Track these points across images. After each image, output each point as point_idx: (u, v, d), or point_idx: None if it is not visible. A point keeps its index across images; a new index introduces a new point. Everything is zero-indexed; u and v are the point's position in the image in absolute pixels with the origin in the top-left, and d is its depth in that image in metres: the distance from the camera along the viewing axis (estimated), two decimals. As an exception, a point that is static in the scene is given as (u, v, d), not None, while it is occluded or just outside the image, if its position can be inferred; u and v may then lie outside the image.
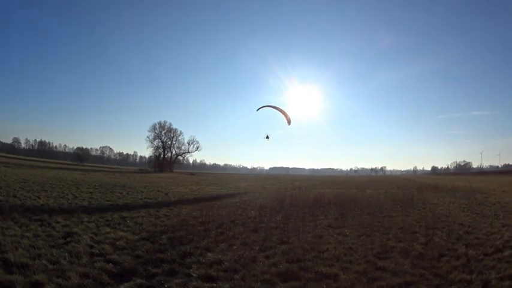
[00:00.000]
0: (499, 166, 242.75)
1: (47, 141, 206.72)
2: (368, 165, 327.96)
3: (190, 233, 12.16)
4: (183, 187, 38.63)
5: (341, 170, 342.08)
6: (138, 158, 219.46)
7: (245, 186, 45.08)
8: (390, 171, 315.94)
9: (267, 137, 24.53)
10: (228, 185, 48.19)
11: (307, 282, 7.72)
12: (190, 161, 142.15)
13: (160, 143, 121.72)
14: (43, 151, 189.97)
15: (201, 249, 10.10)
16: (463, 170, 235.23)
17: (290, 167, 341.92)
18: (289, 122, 22.87)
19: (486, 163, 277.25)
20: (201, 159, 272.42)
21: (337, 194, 32.12)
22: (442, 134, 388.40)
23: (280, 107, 23.23)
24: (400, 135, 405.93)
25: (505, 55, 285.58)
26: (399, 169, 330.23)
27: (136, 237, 11.49)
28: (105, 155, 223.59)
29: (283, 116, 23.00)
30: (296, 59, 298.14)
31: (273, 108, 23.25)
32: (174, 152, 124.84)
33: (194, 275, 7.84)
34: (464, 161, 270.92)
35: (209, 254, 9.54)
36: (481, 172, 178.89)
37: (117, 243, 10.48)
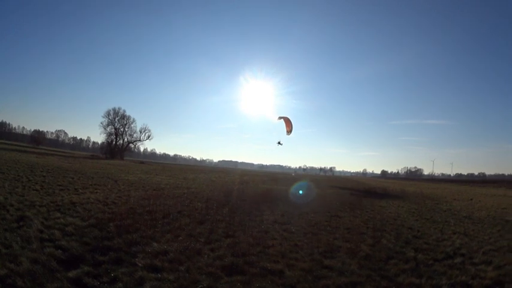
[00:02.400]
0: (451, 175, 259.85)
1: (6, 122, 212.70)
2: (317, 165, 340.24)
3: (137, 222, 12.62)
4: (133, 175, 40.26)
5: (290, 168, 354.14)
6: (91, 144, 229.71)
7: (193, 178, 46.71)
8: (339, 172, 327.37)
9: (279, 143, 26.23)
10: (177, 175, 49.72)
11: (252, 277, 8.12)
12: (141, 149, 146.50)
13: (113, 130, 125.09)
14: (2, 132, 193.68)
15: (147, 238, 10.53)
16: (413, 176, 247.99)
17: (239, 161, 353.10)
18: (288, 133, 24.19)
19: (438, 171, 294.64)
20: (151, 148, 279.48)
21: (285, 191, 33.47)
22: (394, 140, 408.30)
23: (284, 117, 24.75)
24: (352, 137, 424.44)
25: (461, 67, 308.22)
26: (348, 170, 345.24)
27: (85, 223, 11.91)
28: (60, 138, 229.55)
29: (285, 124, 24.39)
30: (251, 55, 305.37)
31: (282, 118, 24.73)
32: (126, 139, 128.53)
33: (140, 264, 8.17)
34: (415, 167, 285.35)
35: (155, 244, 9.95)
36: (432, 179, 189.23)
37: (66, 229, 10.91)
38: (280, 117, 24.76)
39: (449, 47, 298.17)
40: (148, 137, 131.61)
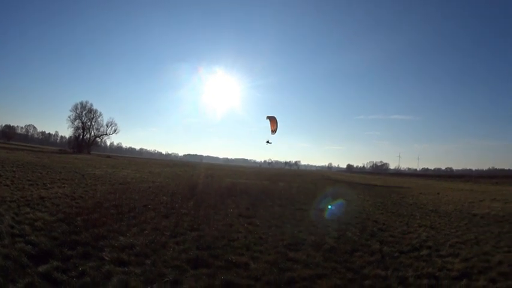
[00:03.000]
0: (418, 169, 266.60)
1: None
2: (282, 159, 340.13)
3: (104, 216, 12.81)
4: (100, 169, 40.68)
5: (255, 162, 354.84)
6: (59, 138, 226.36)
7: (159, 172, 47.51)
8: (305, 166, 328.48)
9: (268, 142, 26.45)
10: (143, 169, 50.36)
11: (218, 270, 8.29)
12: (108, 143, 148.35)
13: (81, 124, 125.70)
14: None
15: (114, 232, 10.70)
16: (379, 170, 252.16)
17: (204, 155, 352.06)
18: (272, 132, 24.45)
19: (405, 166, 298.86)
20: (118, 142, 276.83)
21: (250, 184, 34.37)
22: (359, 134, 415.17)
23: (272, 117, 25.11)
24: (317, 131, 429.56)
25: (427, 63, 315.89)
26: (314, 164, 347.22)
27: (53, 218, 12.03)
28: (29, 133, 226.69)
29: (270, 124, 24.67)
30: (216, 49, 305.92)
31: (269, 118, 25.01)
32: (92, 133, 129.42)
33: (107, 258, 8.29)
34: (381, 161, 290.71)
35: (121, 238, 10.14)
36: (398, 173, 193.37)
37: (36, 224, 10.98)
38: (268, 117, 25.18)
39: (415, 42, 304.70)
40: (115, 131, 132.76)
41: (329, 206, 20.36)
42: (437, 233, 15.20)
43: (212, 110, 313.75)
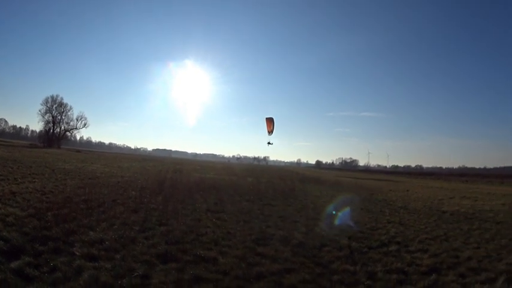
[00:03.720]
0: (387, 166, 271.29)
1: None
2: (251, 154, 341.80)
3: (74, 211, 12.96)
4: (69, 164, 41.23)
5: (223, 157, 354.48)
6: (29, 132, 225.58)
7: (128, 166, 48.04)
8: (273, 161, 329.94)
9: (269, 143, 26.70)
10: (112, 164, 50.79)
11: (186, 265, 8.46)
12: (78, 137, 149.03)
13: (51, 118, 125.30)
14: None
15: (84, 227, 10.83)
16: (349, 167, 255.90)
17: (173, 149, 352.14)
18: (269, 133, 24.82)
19: (375, 163, 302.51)
20: (87, 137, 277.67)
21: (218, 179, 34.85)
22: (329, 131, 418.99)
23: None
24: (286, 127, 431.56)
25: (397, 61, 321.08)
26: (283, 160, 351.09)
27: (24, 213, 12.07)
28: (0, 127, 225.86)
29: (267, 125, 25.03)
30: (186, 44, 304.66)
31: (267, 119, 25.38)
32: (63, 127, 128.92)
33: (77, 253, 8.39)
34: (350, 158, 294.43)
35: (91, 233, 10.27)
36: (367, 170, 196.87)
37: (7, 219, 11.01)
38: (267, 118, 25.61)
39: (387, 40, 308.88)
40: (85, 125, 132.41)
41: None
42: (406, 229, 15.61)
43: (182, 105, 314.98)
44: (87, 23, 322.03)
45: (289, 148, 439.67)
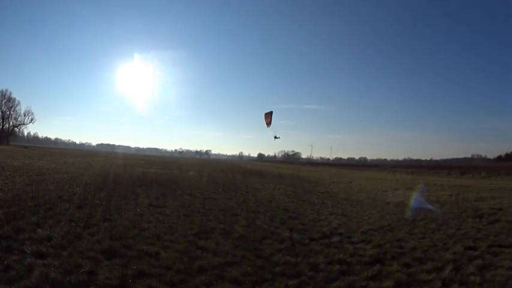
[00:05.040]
0: (331, 159, 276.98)
1: None
2: (193, 148, 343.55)
3: (23, 208, 13.08)
4: (17, 160, 41.64)
5: (166, 151, 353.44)
6: None
7: (73, 162, 48.02)
8: (215, 155, 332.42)
9: (276, 137, 26.43)
10: (58, 160, 50.97)
11: (130, 260, 8.78)
12: (25, 133, 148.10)
13: (0, 113, 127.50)
14: None
15: (32, 224, 11.11)
16: (291, 159, 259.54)
17: (116, 144, 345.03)
18: (267, 125, 24.78)
19: (317, 155, 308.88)
20: (34, 132, 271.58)
21: (160, 174, 35.22)
22: (272, 123, 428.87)
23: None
24: (228, 120, 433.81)
25: (339, 54, 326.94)
26: (225, 153, 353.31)
27: None
28: None
29: (264, 117, 24.95)
30: (129, 37, 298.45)
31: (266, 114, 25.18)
32: (11, 123, 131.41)
33: (28, 251, 8.63)
34: (292, 150, 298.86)
35: (39, 230, 10.53)
36: (310, 162, 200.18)
37: None
38: (266, 113, 25.71)
39: (328, 34, 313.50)
40: (32, 120, 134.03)
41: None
42: (349, 220, 16.11)
43: (125, 99, 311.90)
44: (34, 17, 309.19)
45: (231, 141, 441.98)
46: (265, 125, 24.81)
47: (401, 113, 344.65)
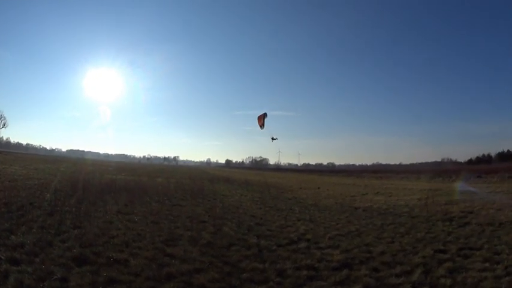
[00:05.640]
0: (298, 164, 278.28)
1: None
2: (161, 154, 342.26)
3: None
4: None
5: (134, 157, 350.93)
6: None
7: (43, 168, 47.71)
8: (183, 161, 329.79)
9: (274, 139, 26.14)
10: (29, 166, 50.37)
11: (100, 267, 8.81)
12: None
13: None
14: None
15: (6, 231, 11.10)
16: (259, 165, 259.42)
17: (86, 150, 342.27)
18: (261, 127, 24.59)
19: (285, 161, 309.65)
20: (6, 137, 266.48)
21: (128, 180, 34.97)
22: (238, 129, 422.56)
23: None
24: (196, 126, 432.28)
25: (306, 60, 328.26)
26: (193, 160, 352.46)
27: None
28: None
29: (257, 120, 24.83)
30: (97, 41, 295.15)
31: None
32: None
33: (3, 257, 8.65)
34: (260, 156, 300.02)
35: (13, 237, 10.55)
36: (278, 169, 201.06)
37: None
38: (259, 116, 25.63)
39: (296, 39, 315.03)
40: (4, 125, 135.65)
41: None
42: (316, 226, 16.26)
43: (95, 104, 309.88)
44: (3, 21, 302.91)
45: (199, 147, 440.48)
46: (259, 127, 24.98)
47: (369, 118, 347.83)
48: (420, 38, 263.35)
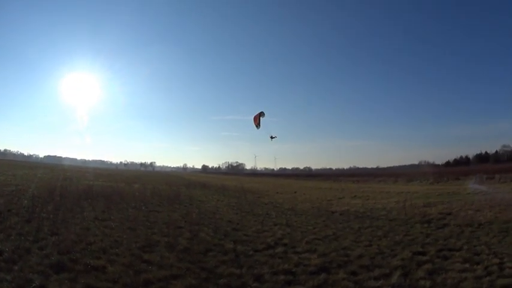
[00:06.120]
0: (275, 169, 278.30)
1: None
2: (138, 160, 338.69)
3: None
4: None
5: (111, 163, 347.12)
6: None
7: (21, 174, 46.96)
8: (160, 167, 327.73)
9: (273, 137, 25.78)
10: (7, 172, 50.35)
11: (78, 274, 8.81)
12: None
13: None
14: None
15: None
16: (235, 171, 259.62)
17: (63, 156, 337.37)
18: (257, 127, 24.29)
19: (262, 166, 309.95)
20: None
21: (105, 186, 34.77)
22: (215, 134, 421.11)
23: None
24: (172, 131, 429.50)
25: (282, 65, 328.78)
26: (169, 165, 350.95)
27: None
28: None
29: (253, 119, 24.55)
30: (74, 46, 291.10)
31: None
32: None
33: None
34: (237, 162, 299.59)
35: None
36: (254, 173, 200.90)
37: None
38: (255, 116, 25.44)
39: (266, 47, 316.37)
40: None
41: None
42: (293, 230, 16.42)
43: (72, 109, 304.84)
44: None
45: (175, 153, 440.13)
46: (255, 127, 24.88)
47: (346, 122, 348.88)
48: (395, 44, 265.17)
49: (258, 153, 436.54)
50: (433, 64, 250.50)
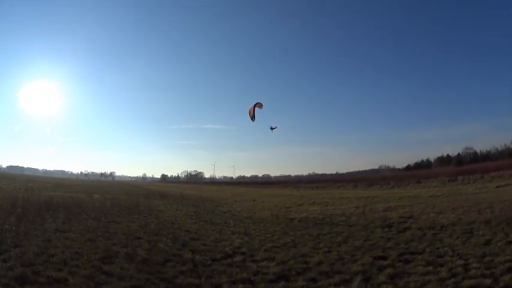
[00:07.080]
0: (234, 177, 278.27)
1: None
2: (98, 170, 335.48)
3: None
4: None
5: (72, 173, 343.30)
6: None
7: None
8: (119, 177, 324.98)
9: (273, 128, 25.25)
10: None
11: (41, 287, 8.87)
12: None
13: None
14: None
15: None
16: (194, 179, 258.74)
17: (25, 166, 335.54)
18: (252, 119, 23.82)
19: (221, 174, 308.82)
20: None
21: (66, 197, 34.28)
22: (173, 144, 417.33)
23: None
24: (131, 141, 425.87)
25: (240, 74, 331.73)
26: (129, 175, 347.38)
27: None
28: None
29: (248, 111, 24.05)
30: (33, 54, 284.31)
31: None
32: None
33: None
34: (195, 170, 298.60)
35: None
36: (213, 182, 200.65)
37: None
38: (250, 108, 25.01)
39: (227, 50, 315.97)
40: None
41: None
42: (251, 239, 16.47)
43: (34, 119, 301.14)
44: None
45: (134, 163, 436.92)
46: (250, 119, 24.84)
47: (304, 129, 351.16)
48: (359, 47, 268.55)
49: (217, 161, 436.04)
50: (389, 68, 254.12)
